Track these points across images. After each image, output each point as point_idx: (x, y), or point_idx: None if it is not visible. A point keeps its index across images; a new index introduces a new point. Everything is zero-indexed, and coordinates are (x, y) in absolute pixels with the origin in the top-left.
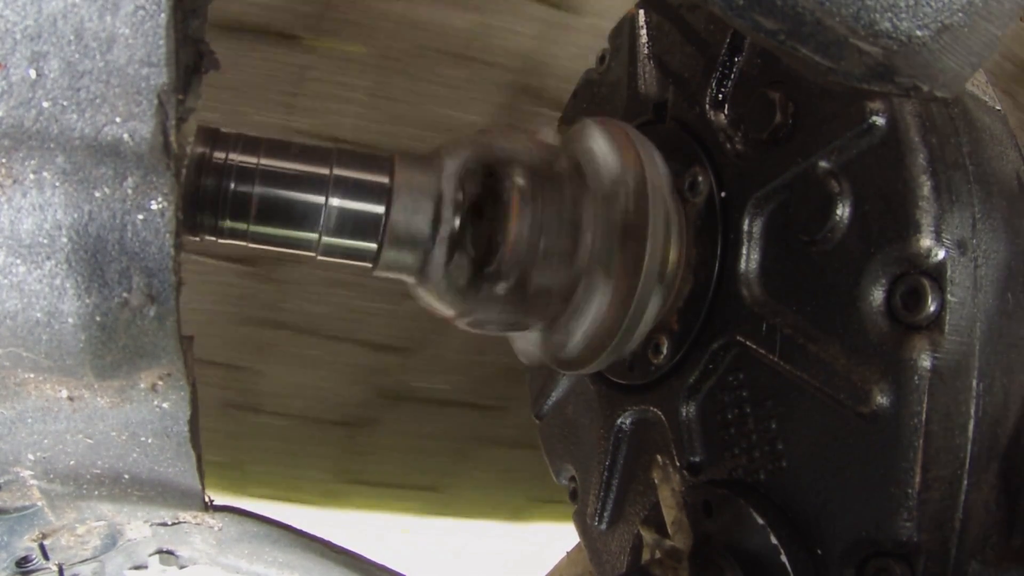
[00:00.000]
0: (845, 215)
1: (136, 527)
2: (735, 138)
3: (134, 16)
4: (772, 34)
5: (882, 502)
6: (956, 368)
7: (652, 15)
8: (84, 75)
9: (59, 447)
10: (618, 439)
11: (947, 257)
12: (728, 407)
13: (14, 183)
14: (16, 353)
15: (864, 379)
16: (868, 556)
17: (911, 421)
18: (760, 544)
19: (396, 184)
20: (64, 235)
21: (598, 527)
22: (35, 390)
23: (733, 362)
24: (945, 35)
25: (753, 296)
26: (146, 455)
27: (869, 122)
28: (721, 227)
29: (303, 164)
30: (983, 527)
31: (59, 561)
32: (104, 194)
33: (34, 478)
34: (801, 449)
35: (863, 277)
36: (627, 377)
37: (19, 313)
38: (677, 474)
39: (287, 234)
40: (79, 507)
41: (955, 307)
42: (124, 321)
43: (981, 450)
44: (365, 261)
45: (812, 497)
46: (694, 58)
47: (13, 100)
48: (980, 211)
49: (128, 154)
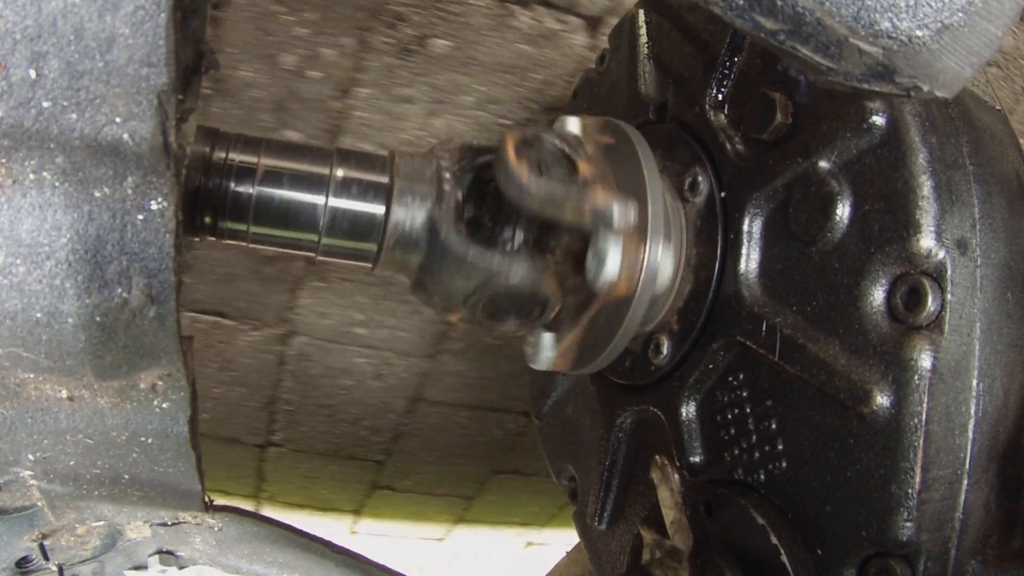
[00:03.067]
0: (845, 215)
1: (136, 527)
2: (735, 138)
3: (134, 16)
4: (772, 34)
5: (882, 502)
6: (956, 368)
7: (652, 15)
8: (84, 75)
9: (59, 447)
10: (618, 439)
11: (947, 257)
12: (728, 407)
13: (14, 183)
14: (16, 353)
15: (864, 379)
16: (868, 556)
17: (911, 421)
18: (760, 544)
19: (396, 184)
20: (64, 235)
21: (598, 527)
22: (35, 390)
23: (733, 362)
24: (945, 35)
25: (753, 296)
26: (146, 455)
27: (869, 122)
28: (721, 227)
29: (303, 164)
30: (983, 527)
31: (59, 561)
32: (104, 194)
33: (34, 478)
34: (801, 449)
35: (863, 277)
36: (627, 377)
37: (19, 313)
38: (676, 474)
39: (287, 235)
40: (79, 507)
41: (955, 307)
42: (124, 321)
43: (981, 450)
44: (365, 261)
45: (812, 497)
46: (694, 58)
47: (13, 100)
48: (980, 211)
49: (128, 154)
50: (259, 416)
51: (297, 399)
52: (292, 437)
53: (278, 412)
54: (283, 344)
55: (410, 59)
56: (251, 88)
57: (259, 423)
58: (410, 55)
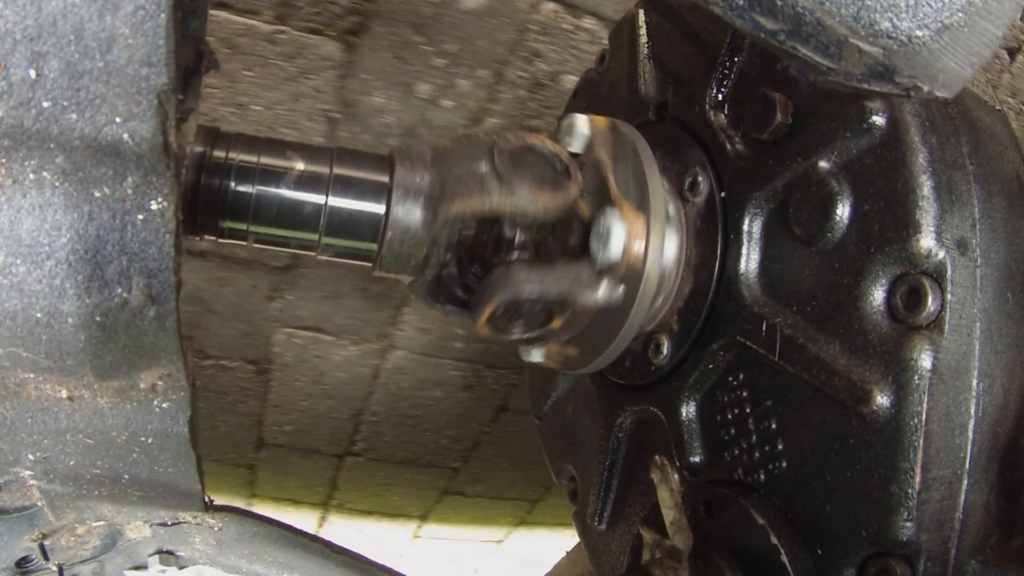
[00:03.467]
0: (845, 215)
1: (136, 527)
2: (735, 138)
3: (134, 16)
4: (772, 34)
5: (882, 502)
6: (956, 368)
7: (652, 15)
8: (84, 75)
9: (59, 447)
10: (618, 439)
11: (947, 257)
12: (728, 407)
13: (14, 183)
14: (16, 353)
15: (864, 379)
16: (868, 556)
17: (911, 421)
18: (760, 544)
19: (396, 183)
20: (64, 235)
21: (598, 527)
22: (35, 390)
23: (733, 362)
24: (945, 35)
25: (753, 296)
26: (146, 455)
27: (869, 122)
28: (721, 227)
29: (303, 164)
30: (983, 527)
31: (59, 561)
32: (104, 194)
33: (34, 478)
34: (801, 449)
35: (863, 277)
36: (627, 377)
37: (19, 313)
38: (676, 474)
39: (287, 234)
40: (79, 507)
41: (955, 307)
42: (124, 321)
43: (981, 450)
44: (365, 261)
45: (812, 497)
46: (694, 58)
47: (13, 100)
48: (980, 211)
49: (128, 154)
50: (344, 427)
51: (384, 410)
52: (373, 446)
53: (363, 423)
54: (380, 358)
55: (541, 92)
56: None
57: (342, 434)
58: (542, 88)
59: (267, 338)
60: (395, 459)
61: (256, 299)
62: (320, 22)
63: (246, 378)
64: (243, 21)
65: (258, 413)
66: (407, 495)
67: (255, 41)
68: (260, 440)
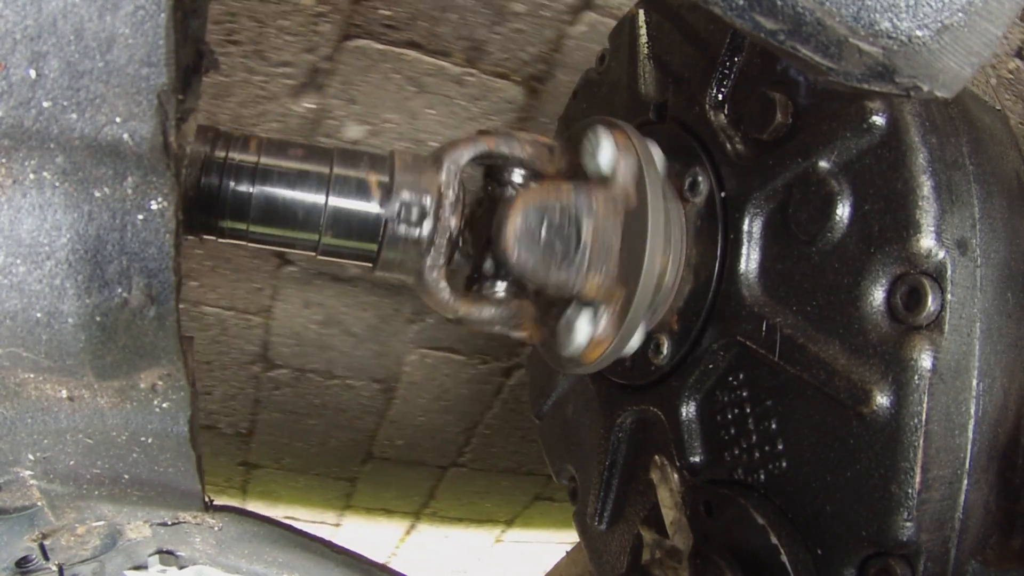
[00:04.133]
0: (845, 215)
1: (136, 527)
2: (735, 138)
3: (134, 16)
4: (772, 34)
5: (882, 502)
6: (956, 368)
7: (652, 15)
8: (84, 75)
9: (59, 447)
10: (618, 439)
11: (947, 257)
12: (728, 407)
13: (14, 183)
14: (16, 353)
15: (864, 379)
16: (868, 556)
17: (911, 421)
18: (760, 544)
19: (396, 184)
20: (64, 235)
21: (598, 527)
22: (35, 390)
23: (733, 362)
24: (945, 35)
25: (753, 296)
26: (146, 455)
27: (869, 122)
28: (721, 227)
29: (303, 163)
30: (983, 527)
31: (59, 561)
32: (104, 194)
33: (34, 478)
34: (801, 449)
35: (863, 277)
36: (627, 377)
37: (19, 313)
38: (676, 474)
39: (287, 234)
40: (79, 507)
41: (955, 307)
42: (124, 321)
43: (981, 450)
44: (365, 261)
45: (812, 497)
46: (694, 58)
47: (13, 100)
48: (980, 211)
49: (128, 154)
50: (455, 440)
51: (498, 423)
52: (479, 457)
53: (475, 436)
54: (505, 376)
55: None
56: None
57: (452, 447)
58: None
59: (399, 358)
60: (497, 468)
61: (398, 322)
62: (508, 67)
63: (369, 396)
64: (433, 61)
65: (373, 429)
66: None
67: (443, 81)
68: (368, 454)
